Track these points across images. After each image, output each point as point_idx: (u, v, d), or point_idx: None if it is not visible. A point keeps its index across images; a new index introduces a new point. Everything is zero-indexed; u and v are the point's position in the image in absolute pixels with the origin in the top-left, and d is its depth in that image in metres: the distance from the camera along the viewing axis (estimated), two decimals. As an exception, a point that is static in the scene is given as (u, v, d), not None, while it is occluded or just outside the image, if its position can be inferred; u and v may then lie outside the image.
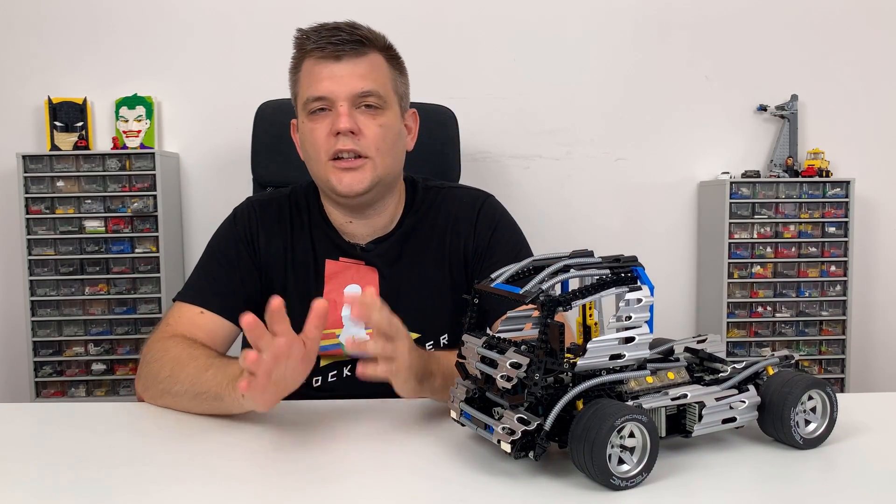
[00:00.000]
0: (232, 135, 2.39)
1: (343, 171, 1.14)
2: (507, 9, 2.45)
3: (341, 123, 1.11)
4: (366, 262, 1.22)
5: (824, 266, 2.39)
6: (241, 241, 1.22)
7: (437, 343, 1.22)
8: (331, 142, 1.13)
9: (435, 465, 0.79)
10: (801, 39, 2.50)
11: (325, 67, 1.13)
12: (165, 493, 0.73)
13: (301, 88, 1.16)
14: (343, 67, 1.13)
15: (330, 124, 1.13)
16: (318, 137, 1.14)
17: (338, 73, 1.12)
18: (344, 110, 1.12)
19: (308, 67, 1.15)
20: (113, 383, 2.32)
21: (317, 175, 1.19)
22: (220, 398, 0.93)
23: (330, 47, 1.12)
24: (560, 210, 2.51)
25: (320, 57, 1.13)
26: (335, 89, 1.12)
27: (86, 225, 2.26)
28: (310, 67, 1.14)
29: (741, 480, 0.74)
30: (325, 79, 1.12)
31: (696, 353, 0.88)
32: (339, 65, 1.13)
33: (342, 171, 1.14)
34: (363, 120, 1.13)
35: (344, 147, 1.12)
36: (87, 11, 2.38)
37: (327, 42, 1.12)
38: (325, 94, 1.12)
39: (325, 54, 1.13)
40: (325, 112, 1.14)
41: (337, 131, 1.12)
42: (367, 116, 1.14)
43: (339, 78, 1.12)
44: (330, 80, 1.12)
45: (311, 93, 1.13)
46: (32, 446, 0.89)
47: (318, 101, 1.13)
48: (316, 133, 1.14)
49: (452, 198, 1.28)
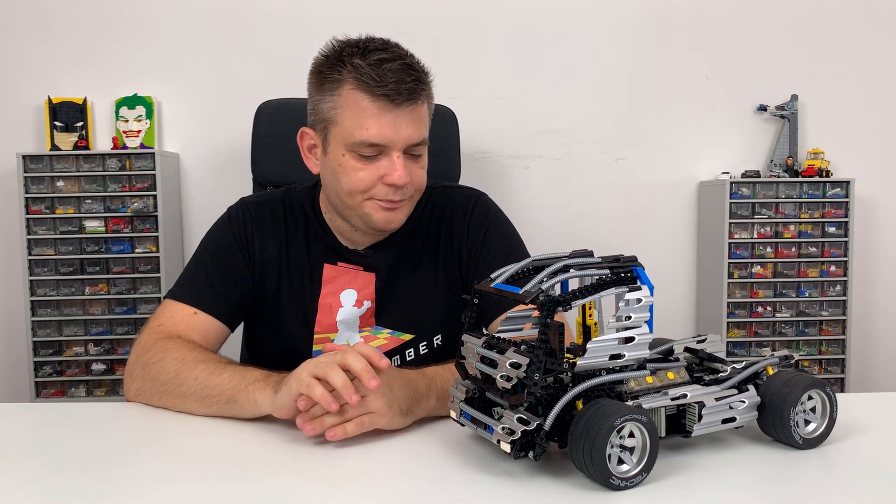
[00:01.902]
0: (232, 135, 2.39)
1: (385, 210, 1.12)
2: (507, 9, 2.45)
3: (400, 179, 1.08)
4: (364, 268, 1.22)
5: (824, 266, 2.39)
6: (235, 241, 1.20)
7: (431, 343, 1.22)
8: (380, 189, 1.10)
9: (435, 465, 0.79)
10: (801, 39, 2.50)
11: (384, 113, 1.06)
12: (165, 493, 0.73)
13: (344, 120, 1.08)
14: (401, 116, 1.07)
15: (381, 170, 1.09)
16: (363, 180, 1.09)
17: (396, 122, 1.07)
18: (401, 164, 1.08)
19: (358, 103, 1.06)
20: (113, 383, 2.32)
21: (348, 205, 1.14)
22: (234, 399, 0.93)
23: (393, 93, 1.05)
24: (560, 210, 2.51)
25: (378, 96, 1.05)
26: (393, 138, 1.07)
27: (86, 225, 2.26)
28: (362, 103, 1.06)
29: (741, 480, 0.74)
30: (383, 126, 1.06)
31: (696, 353, 0.88)
32: (398, 112, 1.06)
33: (384, 211, 1.12)
34: (411, 167, 1.11)
35: (395, 198, 1.11)
36: (88, 11, 2.38)
37: (390, 84, 1.05)
38: (383, 143, 1.07)
39: (384, 97, 1.05)
40: (374, 157, 1.09)
41: (392, 183, 1.08)
42: (413, 162, 1.12)
43: (398, 127, 1.07)
44: (389, 129, 1.06)
45: (366, 137, 1.06)
46: (32, 446, 0.89)
47: (373, 147, 1.08)
48: (361, 174, 1.09)
49: (446, 198, 1.28)
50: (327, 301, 1.20)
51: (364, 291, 1.21)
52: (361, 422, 0.85)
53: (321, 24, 2.29)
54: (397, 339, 1.21)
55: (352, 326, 1.21)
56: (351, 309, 1.20)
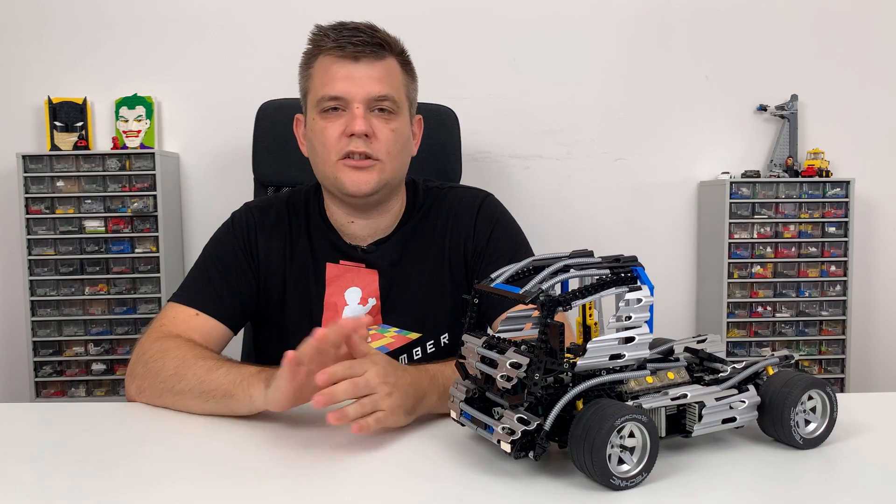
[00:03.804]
0: (232, 135, 2.39)
1: (352, 169, 1.14)
2: (507, 9, 2.45)
3: (357, 126, 1.11)
4: (366, 265, 1.22)
5: (824, 266, 2.39)
6: (238, 246, 1.21)
7: (438, 342, 1.23)
8: (343, 142, 1.13)
9: (435, 465, 0.79)
10: (801, 39, 2.50)
11: (342, 67, 1.13)
12: (165, 493, 0.73)
13: (314, 85, 1.15)
14: (361, 69, 1.13)
15: (343, 124, 1.13)
16: (329, 136, 1.14)
17: (355, 75, 1.12)
18: (360, 112, 1.12)
19: (324, 65, 1.14)
20: (113, 383, 2.32)
21: (323, 172, 1.18)
22: (231, 395, 0.94)
23: (350, 47, 1.12)
24: (560, 210, 2.51)
25: (339, 56, 1.13)
26: (352, 90, 1.12)
27: (86, 225, 2.26)
28: (326, 65, 1.14)
29: (741, 480, 0.74)
30: (343, 79, 1.12)
31: (696, 353, 0.88)
32: (356, 66, 1.13)
33: (351, 170, 1.14)
34: (376, 123, 1.14)
35: (356, 149, 1.13)
36: (88, 11, 2.38)
37: (348, 42, 1.12)
38: (341, 94, 1.12)
39: (343, 54, 1.12)
40: (338, 112, 1.13)
41: (351, 133, 1.12)
42: (381, 120, 1.14)
43: (357, 79, 1.12)
44: (347, 81, 1.12)
45: (327, 91, 1.13)
46: (32, 446, 0.89)
47: (333, 100, 1.13)
48: (328, 131, 1.14)
49: (452, 197, 1.29)
50: (332, 300, 1.20)
51: (368, 289, 1.21)
52: (377, 418, 0.85)
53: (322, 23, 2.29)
54: (404, 338, 1.21)
55: None
56: (356, 307, 1.21)
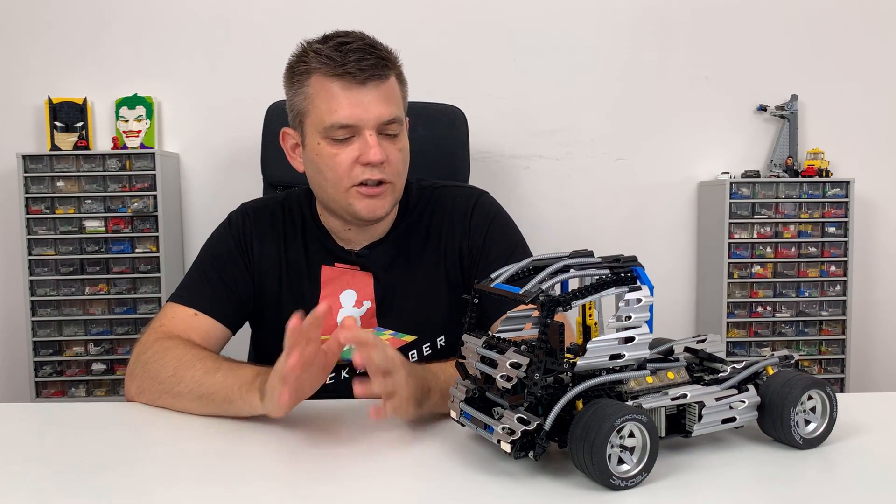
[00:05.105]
0: (232, 135, 2.40)
1: (366, 197, 1.12)
2: (507, 9, 2.45)
3: (374, 156, 1.09)
4: (361, 267, 1.22)
5: (824, 266, 2.39)
6: (235, 246, 1.21)
7: (434, 345, 1.22)
8: (357, 170, 1.11)
9: (435, 465, 0.79)
10: (801, 39, 2.50)
11: (349, 93, 1.08)
12: (166, 493, 0.73)
13: (316, 109, 1.10)
14: (368, 93, 1.09)
15: (355, 152, 1.10)
16: (340, 164, 1.10)
17: (364, 100, 1.09)
18: (374, 141, 1.09)
19: (325, 88, 1.09)
20: (113, 383, 2.32)
21: (333, 199, 1.15)
22: (231, 400, 0.94)
23: (358, 73, 1.07)
24: (560, 210, 2.51)
25: (344, 81, 1.08)
26: (363, 117, 1.09)
27: (86, 225, 2.26)
28: (329, 89, 1.09)
29: (741, 480, 0.74)
30: (351, 105, 1.08)
31: (696, 353, 0.88)
32: (364, 90, 1.08)
33: (365, 198, 1.12)
34: (387, 147, 1.11)
35: (373, 177, 1.11)
36: (88, 11, 2.38)
37: (355, 67, 1.07)
38: (351, 122, 1.09)
39: (352, 81, 1.08)
40: (349, 140, 1.10)
41: (367, 162, 1.09)
42: (389, 142, 1.12)
43: (366, 105, 1.09)
44: (357, 108, 1.08)
45: (336, 119, 1.08)
46: (32, 446, 0.89)
47: (344, 129, 1.09)
48: (338, 159, 1.10)
49: (446, 197, 1.27)
50: (327, 302, 1.20)
51: (363, 292, 1.21)
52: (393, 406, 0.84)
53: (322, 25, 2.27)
54: (400, 341, 1.21)
55: None
56: (351, 309, 1.20)
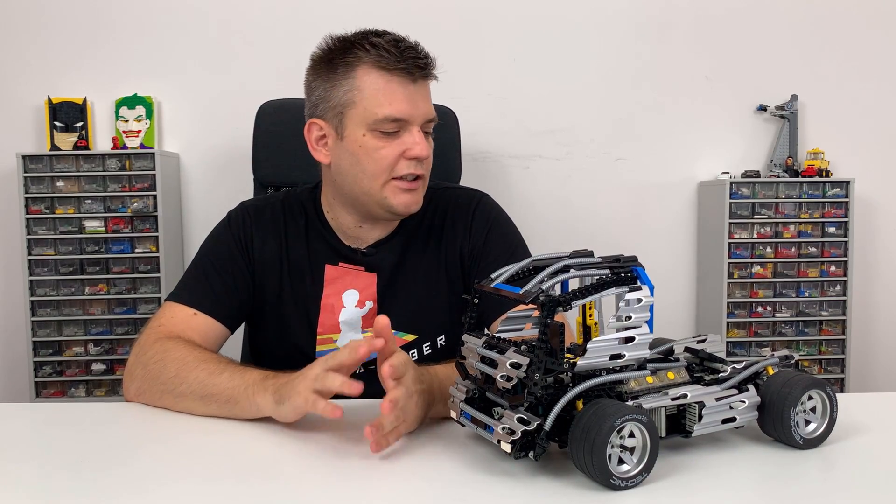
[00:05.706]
0: (232, 135, 2.39)
1: (404, 192, 1.14)
2: (507, 9, 2.45)
3: (422, 151, 1.11)
4: (366, 267, 1.22)
5: (824, 266, 2.39)
6: (235, 244, 1.21)
7: (434, 344, 1.22)
8: (401, 164, 1.12)
9: (435, 465, 0.79)
10: (801, 39, 2.50)
11: (403, 87, 1.10)
12: (166, 493, 0.73)
13: (366, 100, 1.10)
14: (418, 90, 1.12)
15: (401, 146, 1.11)
16: (385, 157, 1.11)
17: (415, 96, 1.11)
18: (421, 137, 1.12)
19: (377, 80, 1.10)
20: (113, 383, 2.32)
21: (368, 191, 1.14)
22: (236, 401, 0.93)
23: (415, 70, 1.10)
24: (560, 210, 2.51)
25: (400, 75, 1.10)
26: (413, 113, 1.11)
27: (86, 225, 2.26)
28: (386, 81, 1.10)
29: (741, 480, 0.74)
30: (404, 100, 1.10)
31: (696, 353, 0.88)
32: (415, 87, 1.11)
33: (403, 192, 1.14)
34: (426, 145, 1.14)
35: (415, 171, 1.13)
36: (88, 11, 2.38)
37: (413, 63, 1.10)
38: (403, 117, 1.10)
39: (408, 77, 1.10)
40: (395, 134, 1.12)
41: (414, 156, 1.11)
42: (427, 140, 1.15)
43: (415, 102, 1.11)
44: (408, 103, 1.10)
45: (390, 112, 1.09)
46: (32, 446, 0.89)
47: (395, 122, 1.10)
48: (384, 152, 1.11)
49: (448, 198, 1.28)
50: (329, 301, 1.20)
51: (366, 292, 1.21)
52: (398, 432, 0.85)
53: (322, 25, 2.26)
54: (400, 340, 1.21)
55: (354, 327, 1.21)
56: (353, 309, 1.20)
